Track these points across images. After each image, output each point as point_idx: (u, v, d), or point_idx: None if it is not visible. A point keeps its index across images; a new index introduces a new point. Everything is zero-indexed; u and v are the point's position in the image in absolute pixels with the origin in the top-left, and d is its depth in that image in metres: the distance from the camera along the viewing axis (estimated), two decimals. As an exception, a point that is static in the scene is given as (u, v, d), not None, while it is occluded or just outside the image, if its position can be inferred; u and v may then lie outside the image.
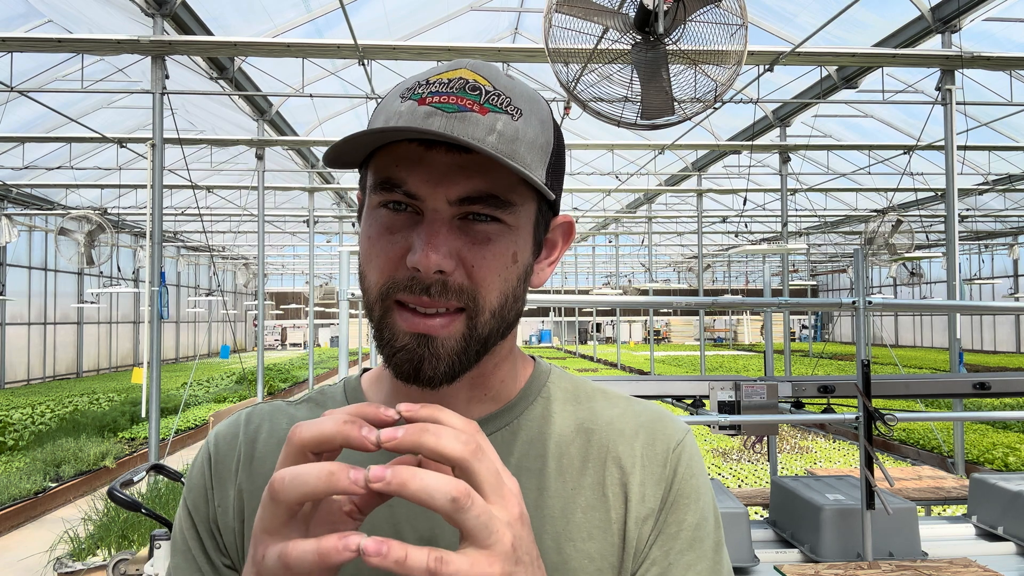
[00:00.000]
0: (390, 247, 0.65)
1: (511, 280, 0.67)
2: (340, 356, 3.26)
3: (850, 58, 7.71)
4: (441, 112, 0.63)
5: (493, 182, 0.64)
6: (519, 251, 0.68)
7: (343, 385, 0.79)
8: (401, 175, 0.64)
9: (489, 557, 0.49)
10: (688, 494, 0.73)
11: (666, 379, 3.69)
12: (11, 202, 16.19)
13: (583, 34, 3.48)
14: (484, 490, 0.50)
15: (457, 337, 0.65)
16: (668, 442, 0.74)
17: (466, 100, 0.63)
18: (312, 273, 15.00)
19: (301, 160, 14.76)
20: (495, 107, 0.64)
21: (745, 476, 7.41)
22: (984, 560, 2.80)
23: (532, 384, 0.77)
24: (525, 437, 0.73)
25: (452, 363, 0.65)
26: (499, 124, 0.63)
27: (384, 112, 0.66)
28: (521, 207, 0.67)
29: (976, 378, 3.29)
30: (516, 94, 0.66)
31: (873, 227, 12.09)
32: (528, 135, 0.65)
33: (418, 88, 0.65)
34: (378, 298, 0.66)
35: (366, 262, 0.68)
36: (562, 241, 0.75)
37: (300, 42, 7.13)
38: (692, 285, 31.21)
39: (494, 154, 0.61)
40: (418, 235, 0.64)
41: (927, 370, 18.44)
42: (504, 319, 0.68)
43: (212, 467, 0.75)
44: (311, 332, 14.83)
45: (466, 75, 0.65)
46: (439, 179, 0.63)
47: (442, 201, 0.64)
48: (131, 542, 5.26)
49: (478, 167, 0.63)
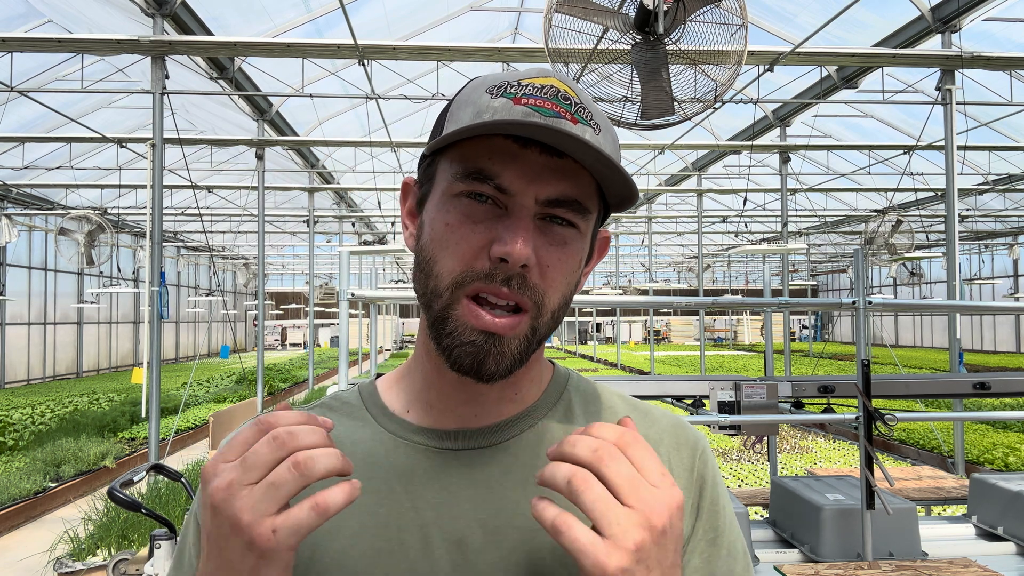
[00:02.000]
0: (472, 235, 0.65)
1: (572, 284, 0.70)
2: (340, 356, 3.26)
3: (850, 58, 7.71)
4: (539, 114, 0.64)
5: (580, 188, 0.66)
6: (583, 258, 0.70)
7: (358, 390, 0.79)
8: (495, 168, 0.65)
9: (608, 545, 0.53)
10: (717, 499, 0.75)
11: (666, 379, 3.69)
12: (11, 202, 16.20)
13: (583, 34, 3.48)
14: (617, 492, 0.55)
15: (521, 337, 0.67)
16: (693, 448, 0.76)
17: (560, 107, 0.65)
18: (312, 273, 15.00)
19: (301, 160, 14.75)
20: (583, 119, 0.66)
21: (745, 476, 7.42)
22: (984, 560, 2.80)
23: (553, 386, 0.78)
24: (551, 439, 0.73)
25: (514, 361, 0.67)
26: (587, 135, 0.65)
27: (473, 105, 0.66)
28: (592, 215, 0.69)
29: (976, 378, 3.29)
30: (595, 111, 0.68)
31: (873, 227, 12.09)
32: (607, 150, 0.67)
33: (509, 87, 0.66)
34: (450, 286, 0.66)
35: (440, 248, 0.67)
36: (597, 253, 0.77)
37: (300, 42, 7.13)
38: (692, 285, 31.22)
39: (607, 154, 0.62)
40: (507, 228, 0.64)
41: (927, 370, 18.44)
42: (557, 321, 0.70)
43: None
44: (311, 332, 14.84)
45: (557, 84, 0.67)
46: (533, 177, 0.64)
47: (531, 199, 0.65)
48: (131, 542, 5.26)
49: (569, 172, 0.65)
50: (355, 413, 0.76)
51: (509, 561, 0.67)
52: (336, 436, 0.74)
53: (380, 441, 0.73)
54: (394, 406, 0.75)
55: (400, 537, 0.68)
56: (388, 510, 0.69)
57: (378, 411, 0.75)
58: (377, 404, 0.76)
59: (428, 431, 0.73)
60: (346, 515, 0.68)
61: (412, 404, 0.75)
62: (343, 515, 0.68)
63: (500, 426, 0.73)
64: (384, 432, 0.73)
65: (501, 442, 0.72)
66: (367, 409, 0.76)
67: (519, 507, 0.69)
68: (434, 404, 0.73)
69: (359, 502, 0.68)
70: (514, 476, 0.70)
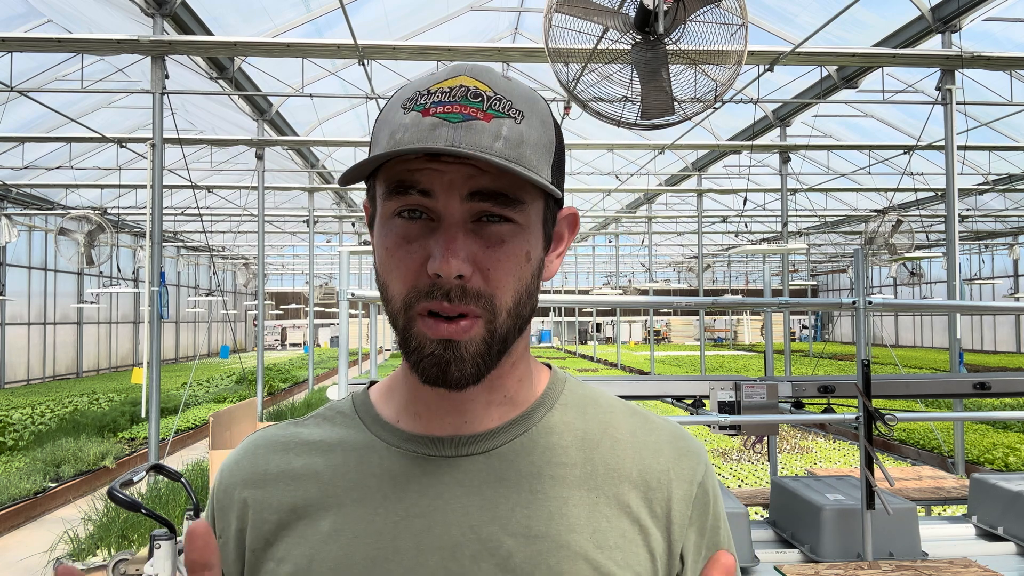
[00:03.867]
0: (408, 257, 0.66)
1: (525, 279, 0.69)
2: (340, 356, 3.26)
3: (850, 58, 7.71)
4: (447, 123, 0.64)
5: (503, 181, 0.65)
6: (531, 249, 0.69)
7: (351, 399, 0.79)
8: (414, 176, 0.65)
9: None
10: (719, 515, 0.76)
11: (666, 379, 3.69)
12: (11, 202, 16.20)
13: (583, 34, 3.47)
14: None
15: (478, 340, 0.66)
16: (694, 461, 0.76)
17: (470, 108, 0.64)
18: (312, 273, 15.00)
19: (301, 160, 14.76)
20: (498, 112, 0.65)
21: (745, 476, 7.42)
22: (984, 560, 2.80)
23: (550, 391, 0.77)
24: (546, 444, 0.73)
25: (477, 364, 0.67)
26: (504, 129, 0.64)
27: (388, 125, 0.67)
28: (530, 204, 0.68)
29: (976, 378, 3.29)
30: (516, 96, 0.67)
31: (873, 227, 12.09)
32: (532, 137, 0.66)
33: (420, 98, 0.66)
34: (402, 308, 0.67)
35: (386, 273, 0.68)
36: (568, 233, 0.76)
37: (300, 42, 7.13)
38: (692, 285, 31.19)
39: (504, 163, 0.62)
40: (436, 242, 0.65)
41: (927, 370, 18.44)
42: (520, 316, 0.69)
43: (215, 501, 0.76)
44: (311, 332, 14.83)
45: (467, 82, 0.66)
46: (452, 177, 0.65)
47: (455, 198, 0.65)
48: (131, 542, 5.26)
49: (487, 170, 0.65)
50: (348, 422, 0.76)
51: (503, 569, 0.66)
52: (329, 444, 0.74)
53: (373, 449, 0.73)
54: (386, 414, 0.75)
55: (395, 545, 0.67)
56: (382, 518, 0.69)
57: (371, 419, 0.75)
58: (370, 413, 0.76)
59: (421, 438, 0.72)
60: (341, 524, 0.69)
61: (402, 414, 0.74)
62: (338, 524, 0.69)
63: (493, 432, 0.72)
64: (377, 440, 0.73)
65: (494, 448, 0.71)
66: (360, 417, 0.76)
67: (513, 514, 0.68)
68: (422, 415, 0.73)
69: (353, 511, 0.69)
70: (507, 482, 0.70)
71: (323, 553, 0.68)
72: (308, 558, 0.68)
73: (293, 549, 0.69)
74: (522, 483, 0.70)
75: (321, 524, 0.69)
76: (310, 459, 0.73)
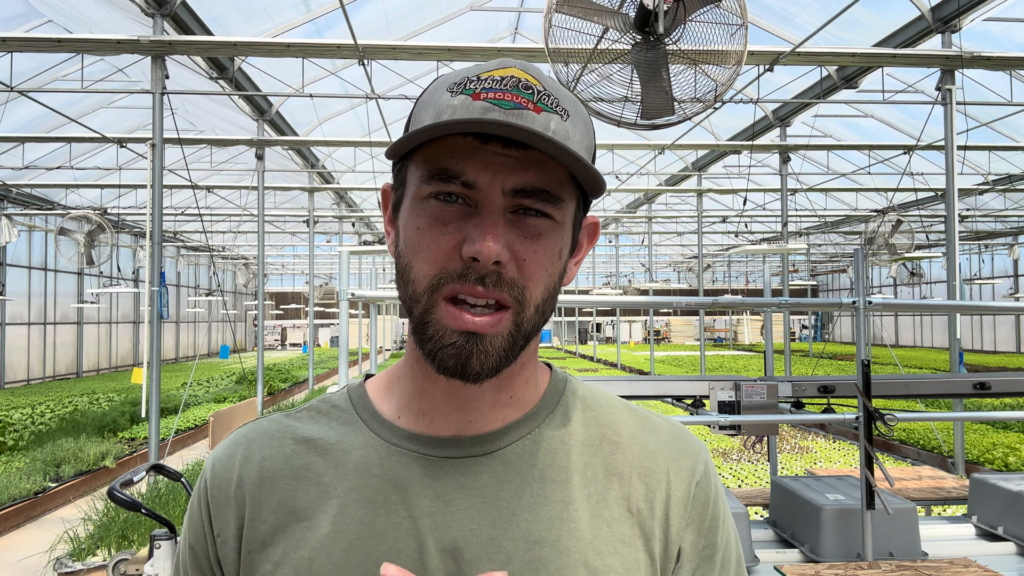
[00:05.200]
0: (442, 237, 0.65)
1: (554, 276, 0.68)
2: (340, 356, 3.26)
3: (850, 58, 7.71)
4: (498, 108, 0.63)
5: (546, 178, 0.65)
6: (563, 248, 0.69)
7: (347, 392, 0.77)
8: (459, 166, 0.64)
9: None
10: (718, 515, 0.75)
11: (666, 379, 3.69)
12: (11, 202, 16.20)
13: (583, 34, 3.47)
14: None
15: (504, 334, 0.65)
16: (694, 461, 0.75)
17: (521, 98, 0.64)
18: (312, 273, 15.01)
19: (301, 160, 14.76)
20: (547, 107, 0.65)
21: (745, 476, 7.42)
22: (984, 560, 2.80)
23: (551, 392, 0.76)
24: (548, 447, 0.72)
25: (499, 358, 0.66)
26: (552, 123, 0.64)
27: (433, 106, 0.66)
28: (567, 204, 0.68)
29: (976, 378, 3.29)
30: (562, 96, 0.67)
31: (873, 227, 12.09)
32: (576, 136, 0.66)
33: (469, 83, 0.65)
34: (427, 289, 0.65)
35: (412, 253, 0.66)
36: (587, 241, 0.76)
37: (300, 42, 7.13)
38: (692, 285, 31.18)
39: (561, 142, 0.61)
40: (475, 226, 0.64)
41: (927, 370, 18.44)
42: (544, 315, 0.69)
43: (209, 497, 0.73)
44: (311, 332, 14.84)
45: (517, 74, 0.66)
46: (497, 170, 0.64)
47: (498, 192, 0.64)
48: (131, 542, 5.26)
49: (534, 162, 0.64)
50: (345, 418, 0.74)
51: (504, 571, 0.66)
52: (327, 442, 0.72)
53: (373, 448, 0.71)
54: (385, 411, 0.73)
55: (396, 547, 0.67)
56: (383, 519, 0.68)
57: (369, 416, 0.73)
58: (368, 408, 0.74)
59: (422, 438, 0.71)
60: (342, 526, 0.68)
61: (403, 411, 0.73)
62: (339, 526, 0.68)
63: (496, 434, 0.71)
64: (377, 439, 0.72)
65: (496, 450, 0.71)
66: (357, 413, 0.74)
67: (514, 517, 0.68)
68: (426, 412, 0.72)
69: (354, 511, 0.68)
70: (510, 485, 0.69)
71: (324, 556, 0.67)
72: (308, 561, 0.67)
73: (292, 552, 0.68)
74: (524, 487, 0.69)
75: (321, 526, 0.69)
76: (308, 458, 0.72)
